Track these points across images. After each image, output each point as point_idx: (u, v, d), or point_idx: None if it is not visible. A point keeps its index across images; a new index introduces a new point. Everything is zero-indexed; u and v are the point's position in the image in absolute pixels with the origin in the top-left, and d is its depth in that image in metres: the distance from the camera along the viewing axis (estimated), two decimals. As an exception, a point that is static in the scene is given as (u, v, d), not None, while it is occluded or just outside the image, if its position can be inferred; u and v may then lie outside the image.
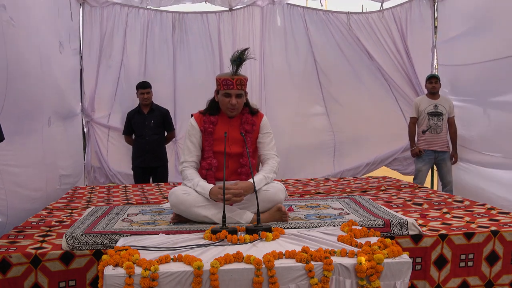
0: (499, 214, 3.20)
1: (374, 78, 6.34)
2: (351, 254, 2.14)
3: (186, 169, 2.92)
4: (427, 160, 5.33)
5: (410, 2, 6.26)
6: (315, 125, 6.42)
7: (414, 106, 5.40)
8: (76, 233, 2.54)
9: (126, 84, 5.96)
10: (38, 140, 4.09)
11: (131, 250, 2.13)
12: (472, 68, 5.35)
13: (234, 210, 2.79)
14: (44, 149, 4.17)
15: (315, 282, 2.04)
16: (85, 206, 3.73)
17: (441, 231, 2.74)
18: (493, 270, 2.75)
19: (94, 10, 5.91)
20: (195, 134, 2.95)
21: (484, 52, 5.02)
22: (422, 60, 6.27)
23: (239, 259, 2.08)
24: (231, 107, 2.88)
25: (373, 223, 2.72)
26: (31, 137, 3.94)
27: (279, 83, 6.25)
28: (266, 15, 6.18)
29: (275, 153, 3.01)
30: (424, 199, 3.79)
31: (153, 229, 2.69)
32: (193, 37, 6.16)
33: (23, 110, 3.69)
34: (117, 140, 6.00)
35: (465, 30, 5.44)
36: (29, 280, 2.42)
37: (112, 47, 5.99)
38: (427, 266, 2.68)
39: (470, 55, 5.38)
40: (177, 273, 1.99)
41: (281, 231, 2.47)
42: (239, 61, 2.85)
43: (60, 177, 4.66)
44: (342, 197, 3.67)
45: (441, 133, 5.27)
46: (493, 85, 4.98)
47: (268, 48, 6.24)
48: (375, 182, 4.82)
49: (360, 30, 6.24)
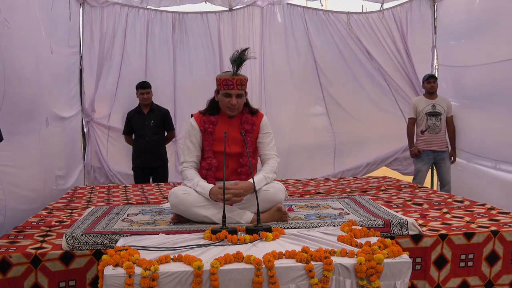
0: (499, 214, 3.20)
1: (374, 78, 6.34)
2: (351, 254, 2.14)
3: (186, 169, 2.92)
4: (426, 160, 5.33)
5: (410, 2, 6.26)
6: (315, 125, 6.43)
7: (412, 107, 5.41)
8: (76, 233, 2.54)
9: (126, 84, 5.95)
10: (36, 141, 4.08)
11: (131, 250, 2.13)
12: (473, 69, 5.34)
13: (234, 210, 2.79)
14: (41, 150, 4.16)
15: (315, 282, 2.04)
16: (85, 206, 3.73)
17: (441, 231, 2.75)
18: (493, 270, 2.75)
19: (94, 10, 5.91)
20: (195, 134, 2.95)
21: (486, 54, 5.02)
22: (422, 60, 6.27)
23: (239, 259, 2.08)
24: (231, 107, 2.88)
25: (373, 223, 2.72)
26: (29, 138, 3.94)
27: (279, 83, 6.25)
28: (266, 15, 6.18)
29: (275, 153, 3.01)
30: (424, 199, 3.79)
31: (153, 229, 2.69)
32: (193, 37, 6.16)
33: (21, 111, 3.68)
34: (117, 140, 5.99)
35: (465, 31, 5.44)
36: (29, 280, 2.42)
37: (112, 47, 5.99)
38: (427, 266, 2.68)
39: (470, 56, 5.37)
40: (177, 273, 1.99)
41: (281, 231, 2.47)
42: (239, 61, 2.85)
43: (56, 177, 4.65)
44: (342, 197, 3.67)
45: (439, 133, 5.27)
46: (494, 86, 4.97)
47: (268, 48, 6.24)
48: (375, 182, 4.82)
49: (360, 30, 6.24)
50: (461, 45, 5.56)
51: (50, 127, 4.45)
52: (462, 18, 5.50)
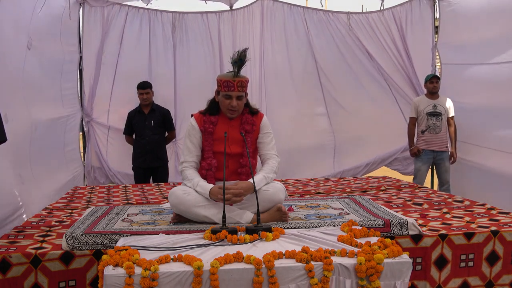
0: (499, 214, 3.20)
1: (374, 78, 6.34)
2: (351, 254, 2.14)
3: (186, 169, 2.92)
4: (426, 159, 5.33)
5: (410, 2, 6.25)
6: (315, 125, 6.42)
7: (413, 106, 5.41)
8: (76, 233, 2.53)
9: (126, 84, 5.94)
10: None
11: (131, 250, 2.13)
12: (474, 70, 5.35)
13: (234, 210, 2.79)
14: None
15: (315, 282, 2.04)
16: (85, 206, 3.73)
17: (441, 231, 2.74)
18: (493, 270, 2.75)
19: (94, 10, 5.91)
20: (195, 134, 2.95)
21: (487, 55, 5.02)
22: (422, 60, 6.27)
23: (239, 259, 2.08)
24: (232, 109, 2.88)
25: (373, 223, 2.72)
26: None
27: (279, 83, 6.25)
28: (266, 15, 6.17)
29: (275, 153, 3.01)
30: (424, 199, 3.79)
31: (153, 229, 2.69)
32: (193, 37, 6.16)
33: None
34: (117, 140, 5.99)
35: (468, 30, 5.44)
36: (29, 280, 2.42)
37: (112, 47, 5.99)
38: (428, 266, 2.68)
39: (472, 56, 5.37)
40: (177, 273, 1.99)
41: (281, 231, 2.46)
42: (240, 62, 2.84)
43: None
44: (342, 197, 3.67)
45: (440, 133, 5.27)
46: (495, 87, 4.98)
47: (268, 48, 6.23)
48: (375, 182, 4.82)
49: (360, 30, 6.24)
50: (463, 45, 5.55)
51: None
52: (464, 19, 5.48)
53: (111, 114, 6.07)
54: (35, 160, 4.38)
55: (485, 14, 5.09)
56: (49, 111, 4.98)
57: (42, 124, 4.61)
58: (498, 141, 4.96)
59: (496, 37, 4.90)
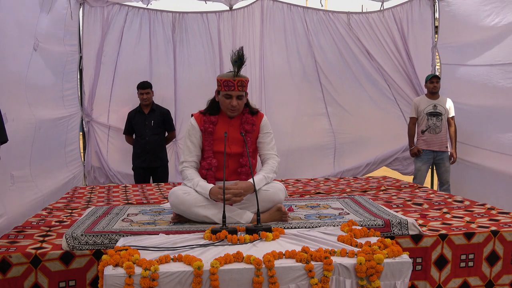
0: (499, 214, 3.20)
1: (374, 78, 6.34)
2: (351, 254, 2.13)
3: (186, 169, 2.92)
4: (426, 159, 5.33)
5: (410, 2, 6.26)
6: (315, 125, 6.42)
7: (413, 106, 5.41)
8: (76, 233, 2.53)
9: (126, 84, 5.94)
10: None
11: (131, 250, 2.13)
12: (474, 70, 5.34)
13: (234, 210, 2.79)
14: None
15: (315, 282, 2.04)
16: (85, 206, 3.73)
17: (441, 231, 2.74)
18: (494, 270, 2.75)
19: (94, 10, 5.91)
20: (195, 134, 2.95)
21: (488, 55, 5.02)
22: (422, 60, 6.27)
23: (239, 259, 2.08)
24: (232, 108, 2.88)
25: (373, 223, 2.72)
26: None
27: (279, 83, 6.25)
28: (266, 15, 6.18)
29: (275, 153, 3.01)
30: (424, 199, 3.79)
31: (153, 229, 2.69)
32: (193, 37, 6.16)
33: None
34: (117, 140, 6.00)
35: (466, 31, 5.44)
36: (29, 280, 2.42)
37: (112, 47, 5.99)
38: (428, 266, 2.68)
39: (472, 56, 5.37)
40: (177, 273, 1.99)
41: (281, 231, 2.46)
42: (240, 62, 2.84)
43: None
44: (342, 197, 3.67)
45: (440, 133, 5.27)
46: (495, 87, 4.97)
47: (268, 48, 6.23)
48: (375, 182, 4.82)
49: (360, 30, 6.24)
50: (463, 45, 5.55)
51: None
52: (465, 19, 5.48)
53: (111, 114, 6.08)
54: (35, 160, 4.38)
55: (482, 14, 5.09)
56: (52, 112, 5.00)
57: (45, 124, 4.62)
58: (497, 144, 4.96)
59: (495, 37, 4.89)
